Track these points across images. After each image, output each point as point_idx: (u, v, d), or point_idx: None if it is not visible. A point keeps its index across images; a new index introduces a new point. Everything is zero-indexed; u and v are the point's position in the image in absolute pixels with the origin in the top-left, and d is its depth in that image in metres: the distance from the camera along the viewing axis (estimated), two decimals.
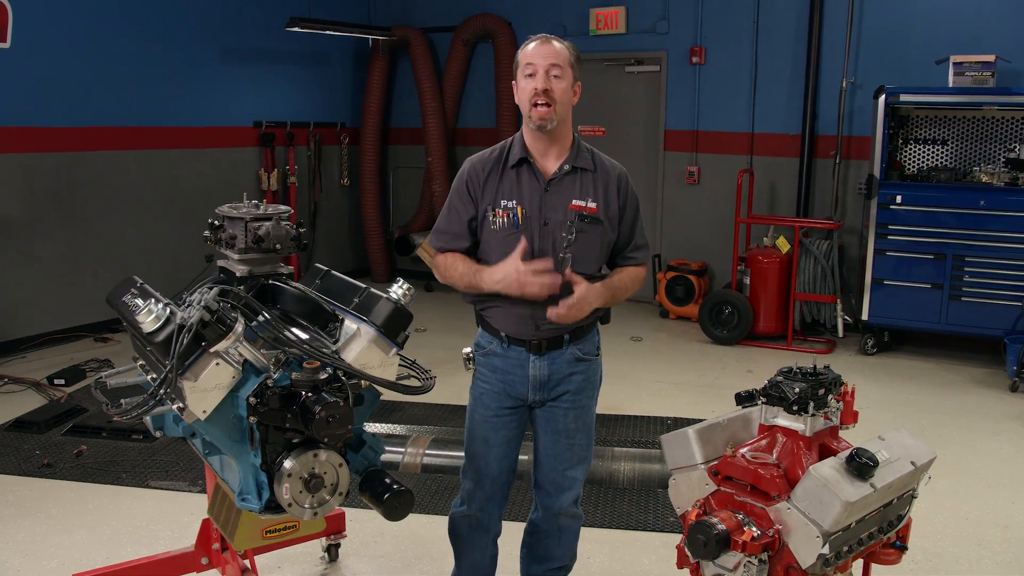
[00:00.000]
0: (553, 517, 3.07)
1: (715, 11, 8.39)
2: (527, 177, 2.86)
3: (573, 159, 2.88)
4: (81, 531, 4.08)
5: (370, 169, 10.01)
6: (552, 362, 2.91)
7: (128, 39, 7.65)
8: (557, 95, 2.77)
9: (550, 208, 2.83)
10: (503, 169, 2.89)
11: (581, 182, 2.87)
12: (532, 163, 2.87)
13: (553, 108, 2.77)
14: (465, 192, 2.91)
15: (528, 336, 2.88)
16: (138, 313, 2.26)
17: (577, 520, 3.13)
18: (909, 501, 2.56)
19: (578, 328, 2.91)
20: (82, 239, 7.52)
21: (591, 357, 2.99)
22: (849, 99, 7.78)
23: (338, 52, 9.89)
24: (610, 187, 2.89)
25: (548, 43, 2.81)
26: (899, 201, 6.93)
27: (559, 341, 2.90)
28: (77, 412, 5.57)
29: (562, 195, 2.85)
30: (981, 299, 6.76)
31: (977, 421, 5.70)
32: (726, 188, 8.34)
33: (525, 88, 2.81)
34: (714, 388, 6.42)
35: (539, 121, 2.79)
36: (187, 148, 8.35)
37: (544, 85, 2.76)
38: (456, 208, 2.93)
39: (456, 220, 2.92)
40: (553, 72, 2.77)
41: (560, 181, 2.86)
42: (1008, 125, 7.02)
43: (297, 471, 2.32)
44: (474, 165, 2.94)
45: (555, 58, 2.78)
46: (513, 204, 2.84)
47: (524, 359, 2.91)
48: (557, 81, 2.78)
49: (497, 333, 2.93)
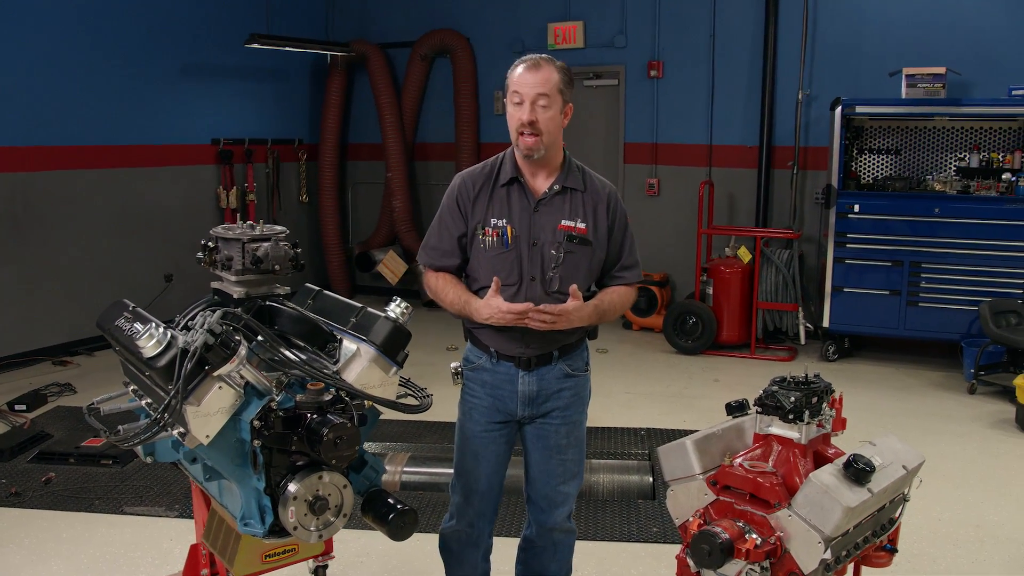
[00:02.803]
0: (547, 532, 3.07)
1: (672, 25, 8.52)
2: (517, 196, 2.87)
3: (563, 179, 2.89)
4: (57, 560, 3.99)
5: (329, 185, 9.96)
6: (541, 378, 2.92)
7: (84, 56, 7.53)
8: (543, 125, 2.76)
9: (539, 228, 2.85)
10: (493, 187, 2.90)
11: (571, 202, 2.88)
12: (523, 182, 2.88)
13: (540, 138, 2.77)
14: (456, 208, 2.92)
15: (517, 352, 2.89)
16: (138, 338, 2.23)
17: (571, 535, 3.14)
18: (900, 504, 2.63)
19: (567, 344, 2.93)
20: (38, 261, 7.35)
21: (580, 373, 3.01)
22: (805, 111, 7.96)
23: (296, 68, 9.82)
24: (599, 207, 2.90)
25: (537, 70, 2.76)
26: (857, 210, 7.10)
27: (548, 357, 2.91)
28: (42, 438, 5.44)
29: (551, 215, 2.86)
30: (938, 304, 6.96)
31: (939, 423, 5.85)
32: (686, 199, 8.46)
33: (512, 115, 2.80)
34: (683, 398, 6.50)
35: (526, 151, 2.80)
36: (144, 167, 8.22)
37: (530, 117, 2.74)
38: (447, 224, 2.93)
39: (447, 237, 2.93)
40: (540, 103, 2.75)
41: (550, 201, 2.87)
42: (958, 135, 7.24)
43: (302, 494, 2.30)
44: (464, 181, 2.94)
45: (542, 87, 2.74)
46: (503, 223, 2.85)
47: (513, 375, 2.91)
48: (544, 111, 2.75)
49: (486, 348, 2.94)
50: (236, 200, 9.01)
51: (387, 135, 9.56)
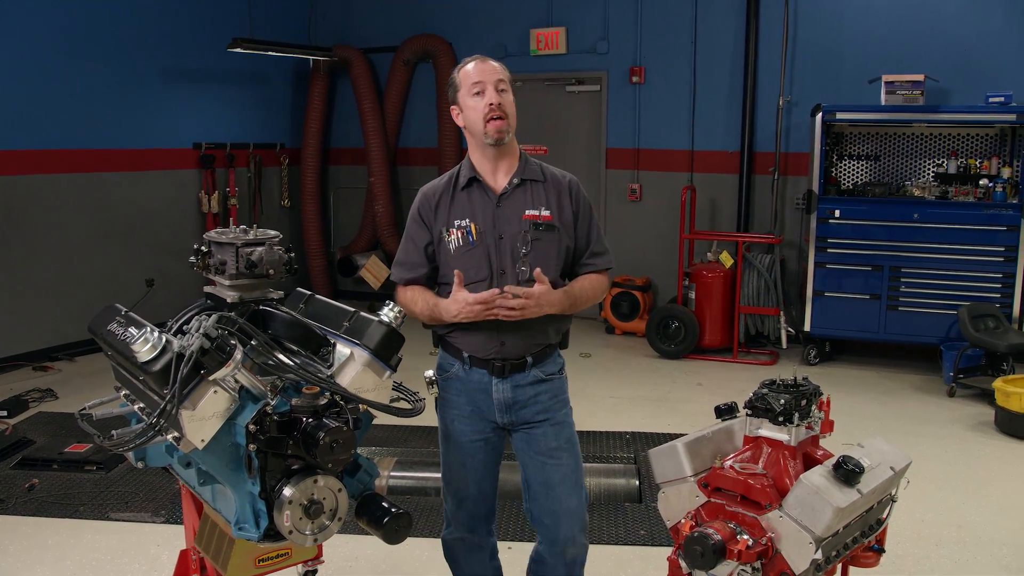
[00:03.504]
0: (559, 549, 2.98)
1: (654, 32, 8.58)
2: (478, 195, 2.91)
3: (522, 172, 2.94)
4: (43, 567, 3.96)
5: (311, 190, 9.94)
6: (516, 385, 2.92)
7: (65, 60, 7.49)
8: (507, 108, 2.85)
9: (504, 221, 2.87)
10: (454, 192, 2.94)
11: (532, 193, 2.92)
12: (481, 181, 2.92)
13: (507, 120, 2.85)
14: (418, 218, 2.96)
15: (492, 355, 2.89)
16: (133, 342, 2.22)
17: (584, 549, 3.06)
18: (888, 505, 2.66)
19: (540, 351, 2.95)
20: (18, 265, 7.30)
21: (554, 377, 3.02)
22: (785, 117, 8.04)
23: (278, 72, 9.81)
24: (562, 195, 2.94)
25: (487, 61, 2.90)
26: (837, 215, 7.18)
27: (522, 364, 2.92)
28: (24, 444, 5.40)
29: (514, 207, 2.90)
30: (917, 308, 7.04)
31: (920, 426, 5.92)
32: (668, 205, 8.51)
33: (476, 107, 2.84)
34: (667, 402, 6.53)
35: (496, 134, 2.84)
36: (126, 171, 8.19)
37: (497, 99, 2.82)
38: (412, 237, 2.97)
39: (413, 249, 2.97)
40: (500, 87, 2.85)
41: (511, 195, 2.91)
42: (937, 141, 7.34)
43: (297, 498, 2.30)
44: (425, 194, 2.98)
45: (499, 74, 2.86)
46: (466, 222, 2.88)
47: (487, 383, 2.92)
48: (505, 95, 2.86)
49: (459, 354, 2.94)
50: (218, 204, 8.99)
51: (369, 140, 9.57)
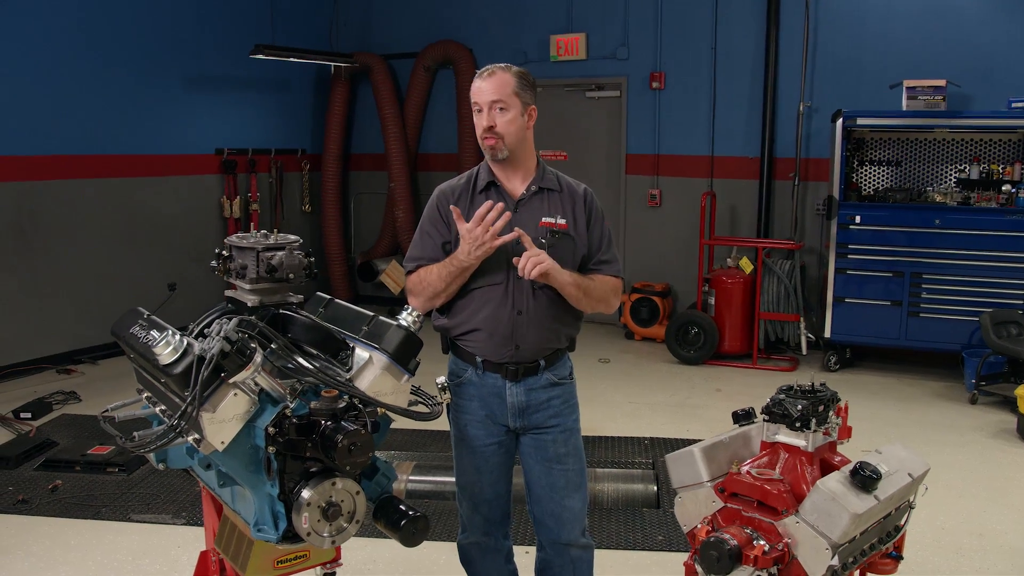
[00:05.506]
0: (563, 550, 3.03)
1: (674, 37, 8.58)
2: (496, 199, 2.91)
3: (539, 180, 2.96)
4: (65, 568, 4.01)
5: (332, 195, 10.01)
6: (529, 389, 2.93)
7: (89, 66, 7.58)
8: (500, 128, 2.85)
9: (521, 226, 2.86)
10: (472, 194, 2.96)
11: (549, 201, 2.94)
12: (499, 186, 2.94)
13: (500, 140, 2.86)
14: (438, 216, 2.96)
15: (507, 358, 2.90)
16: (155, 345, 2.25)
17: (588, 550, 3.08)
18: (906, 512, 2.65)
19: (552, 354, 2.96)
20: (42, 269, 7.39)
21: (566, 381, 3.03)
22: (806, 122, 8.01)
23: (299, 78, 9.88)
24: (577, 205, 2.97)
25: (491, 77, 2.87)
26: (858, 221, 7.14)
27: (535, 368, 2.93)
28: (48, 446, 5.46)
29: (531, 214, 2.91)
30: (938, 315, 6.99)
31: (941, 433, 5.87)
32: (687, 210, 8.50)
33: (477, 123, 2.91)
34: (686, 407, 6.52)
35: (490, 151, 2.89)
36: (148, 176, 8.27)
37: (488, 122, 2.85)
38: (429, 233, 2.97)
39: (430, 245, 2.95)
40: (497, 106, 2.85)
41: (528, 201, 2.93)
42: (958, 147, 7.29)
43: (316, 500, 2.32)
44: (443, 191, 3.00)
45: (496, 93, 2.84)
46: None
47: (500, 387, 2.93)
48: (501, 114, 2.85)
49: (472, 359, 2.95)
50: (239, 210, 9.06)
51: (390, 145, 9.62)
